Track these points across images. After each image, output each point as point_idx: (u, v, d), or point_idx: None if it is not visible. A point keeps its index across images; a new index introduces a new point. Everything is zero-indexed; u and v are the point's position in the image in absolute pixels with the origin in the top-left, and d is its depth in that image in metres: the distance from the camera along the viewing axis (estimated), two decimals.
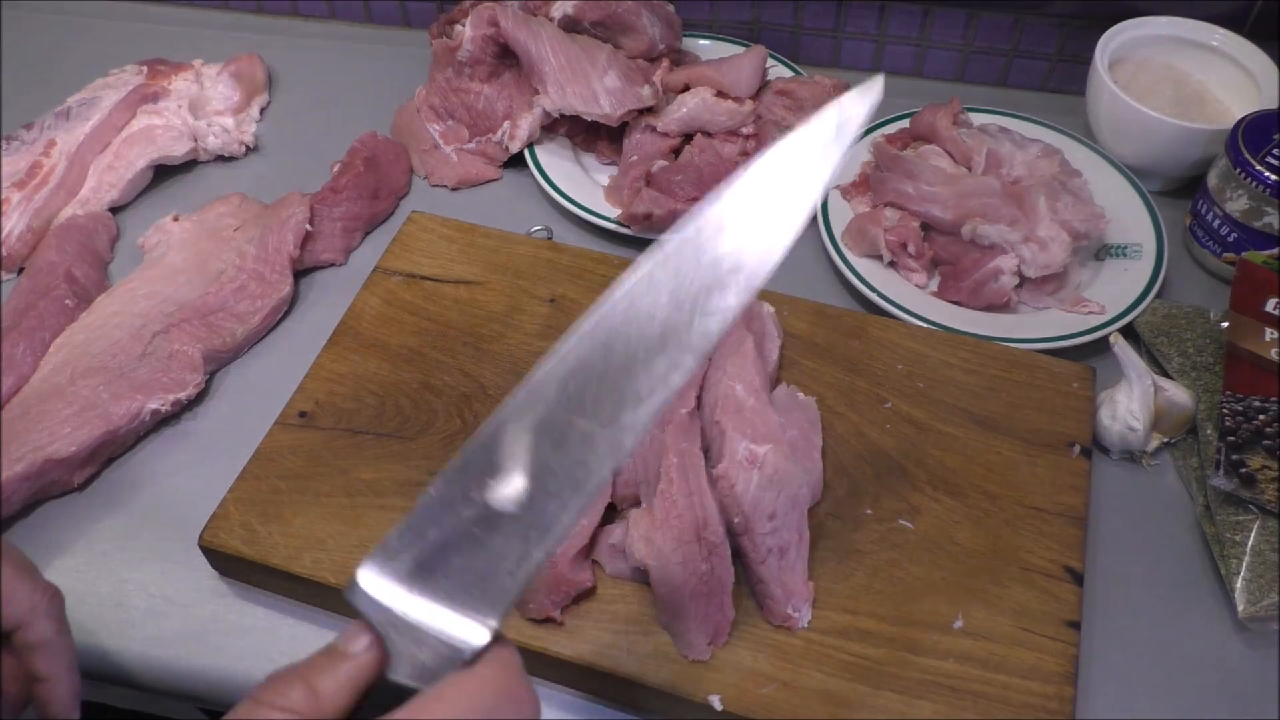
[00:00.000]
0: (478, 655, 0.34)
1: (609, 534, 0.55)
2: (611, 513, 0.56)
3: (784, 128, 0.79)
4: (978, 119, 0.81)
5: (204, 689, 0.56)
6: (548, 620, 0.52)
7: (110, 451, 0.63)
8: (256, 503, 0.58)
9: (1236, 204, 0.70)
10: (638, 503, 0.56)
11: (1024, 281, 0.70)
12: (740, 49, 0.86)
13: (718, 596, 0.52)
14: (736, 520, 0.52)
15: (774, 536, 0.52)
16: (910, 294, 0.71)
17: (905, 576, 0.55)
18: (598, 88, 0.77)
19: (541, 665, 0.53)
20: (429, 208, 0.77)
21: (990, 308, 0.70)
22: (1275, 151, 0.68)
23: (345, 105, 0.90)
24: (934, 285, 0.73)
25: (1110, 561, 0.59)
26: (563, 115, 0.79)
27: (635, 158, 0.78)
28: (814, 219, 0.76)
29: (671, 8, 0.83)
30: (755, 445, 0.53)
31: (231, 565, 0.57)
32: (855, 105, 0.36)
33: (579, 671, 0.52)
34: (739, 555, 0.54)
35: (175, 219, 0.76)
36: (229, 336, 0.68)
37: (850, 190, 0.77)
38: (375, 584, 0.35)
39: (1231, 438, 0.58)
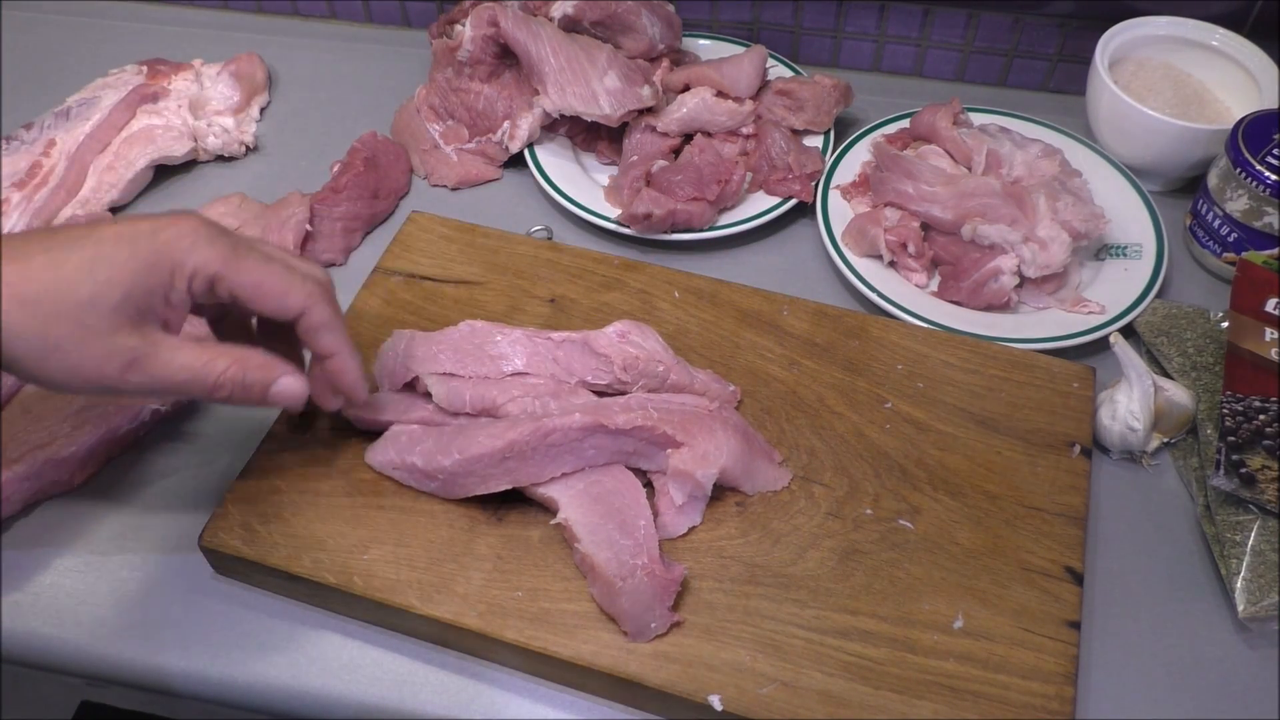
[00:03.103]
0: None
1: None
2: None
3: (784, 127, 0.80)
4: (978, 119, 0.81)
5: (204, 689, 0.56)
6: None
7: (110, 451, 0.63)
8: (256, 503, 0.58)
9: (1236, 204, 0.70)
10: None
11: (1024, 281, 0.70)
12: (740, 49, 0.86)
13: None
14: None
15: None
16: (910, 294, 0.71)
17: (905, 576, 0.55)
18: (598, 88, 0.77)
19: (542, 665, 0.53)
20: (429, 208, 0.77)
21: (990, 308, 0.70)
22: (1275, 151, 0.68)
23: (345, 105, 0.90)
24: (934, 285, 0.73)
25: (1110, 561, 0.59)
26: (563, 115, 0.79)
27: (635, 158, 0.78)
28: (814, 219, 0.76)
29: (671, 8, 0.83)
30: None
31: (231, 565, 0.57)
32: None
33: (579, 671, 0.52)
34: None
35: None
36: None
37: (850, 190, 0.77)
38: None
39: (1231, 438, 0.58)
